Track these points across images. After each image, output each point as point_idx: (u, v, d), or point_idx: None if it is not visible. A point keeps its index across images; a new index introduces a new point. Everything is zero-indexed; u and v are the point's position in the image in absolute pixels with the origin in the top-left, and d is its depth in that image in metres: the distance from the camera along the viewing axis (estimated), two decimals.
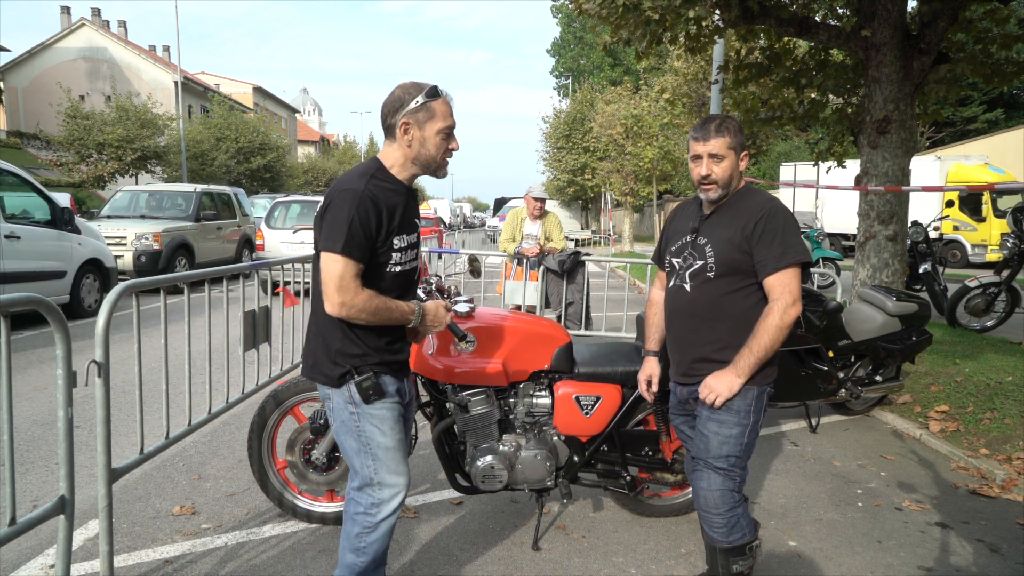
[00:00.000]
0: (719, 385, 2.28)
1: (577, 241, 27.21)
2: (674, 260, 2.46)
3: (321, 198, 2.30)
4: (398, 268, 2.13)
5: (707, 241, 2.35)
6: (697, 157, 2.33)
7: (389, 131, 2.13)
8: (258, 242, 11.20)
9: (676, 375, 2.53)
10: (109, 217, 12.08)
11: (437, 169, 2.18)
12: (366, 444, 2.16)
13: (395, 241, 2.10)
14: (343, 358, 2.12)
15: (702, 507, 2.42)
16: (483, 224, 50.00)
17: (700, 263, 2.35)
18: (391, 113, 2.10)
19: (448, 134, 2.13)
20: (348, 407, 2.14)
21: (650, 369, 2.68)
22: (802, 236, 2.33)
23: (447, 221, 38.30)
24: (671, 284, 2.48)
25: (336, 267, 1.98)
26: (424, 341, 2.87)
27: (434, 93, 2.10)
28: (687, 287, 2.40)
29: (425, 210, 22.62)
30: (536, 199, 6.81)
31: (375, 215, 2.01)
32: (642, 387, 2.71)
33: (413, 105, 2.08)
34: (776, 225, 2.25)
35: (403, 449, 2.25)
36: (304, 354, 2.26)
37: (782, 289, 2.23)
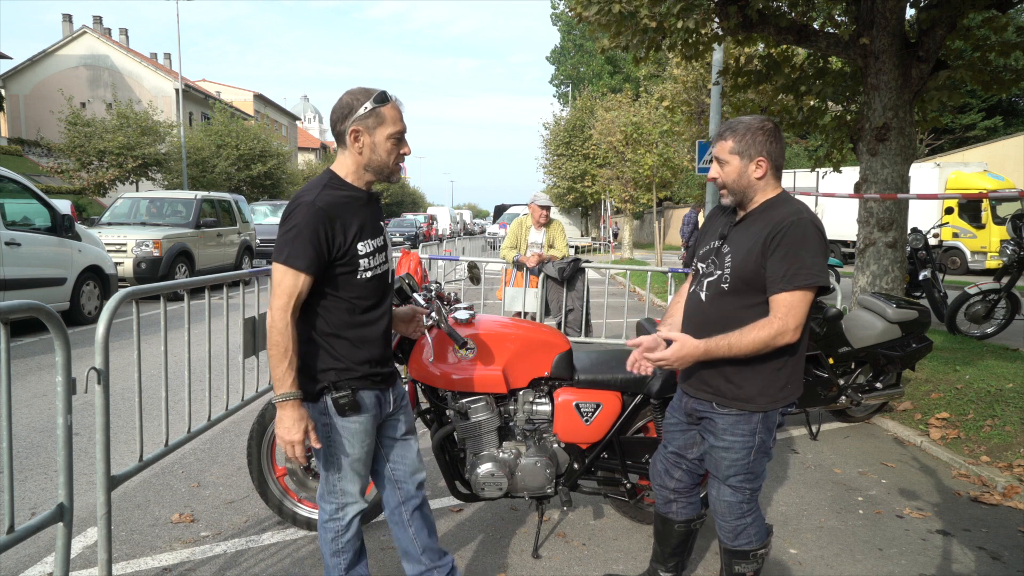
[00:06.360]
0: (674, 356, 2.15)
1: (577, 248, 27.24)
2: (699, 264, 2.39)
3: None
4: (369, 273, 2.12)
5: (730, 251, 2.25)
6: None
7: (340, 139, 2.12)
8: None
9: (682, 382, 2.46)
10: (109, 224, 12.11)
11: (390, 174, 2.16)
12: (334, 454, 2.17)
13: (359, 247, 2.08)
14: (322, 374, 2.11)
15: (711, 509, 2.43)
16: (483, 231, 50.03)
17: (718, 273, 2.27)
18: (340, 120, 2.08)
19: (399, 139, 2.12)
20: (321, 418, 2.14)
21: (646, 337, 2.38)
22: (825, 256, 2.12)
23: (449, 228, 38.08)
24: (691, 289, 2.41)
25: (276, 275, 2.01)
26: (424, 348, 2.87)
27: (383, 98, 2.08)
28: (703, 296, 2.33)
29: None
30: (541, 207, 6.85)
31: (326, 227, 2.01)
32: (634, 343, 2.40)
33: (362, 111, 2.06)
34: (793, 241, 2.08)
35: (369, 460, 2.26)
36: None
37: (787, 311, 2.08)
